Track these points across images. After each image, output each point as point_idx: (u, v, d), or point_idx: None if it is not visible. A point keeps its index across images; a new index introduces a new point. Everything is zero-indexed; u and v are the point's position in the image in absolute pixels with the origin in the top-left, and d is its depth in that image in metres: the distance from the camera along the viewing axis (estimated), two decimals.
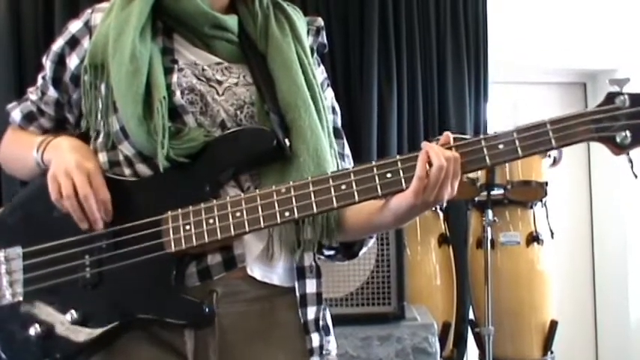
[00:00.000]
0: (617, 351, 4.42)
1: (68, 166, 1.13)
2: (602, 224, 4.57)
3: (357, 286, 2.56)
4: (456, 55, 3.95)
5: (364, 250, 1.28)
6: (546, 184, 3.18)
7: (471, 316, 3.53)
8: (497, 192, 3.26)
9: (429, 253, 3.33)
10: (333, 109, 1.32)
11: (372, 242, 1.29)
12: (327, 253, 1.26)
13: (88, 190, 1.12)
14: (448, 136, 1.10)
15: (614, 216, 4.43)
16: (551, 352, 3.33)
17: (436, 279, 3.32)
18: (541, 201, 3.33)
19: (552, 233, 3.35)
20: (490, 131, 4.20)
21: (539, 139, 1.07)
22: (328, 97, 1.31)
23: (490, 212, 3.17)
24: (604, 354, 4.55)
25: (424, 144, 1.08)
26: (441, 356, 2.72)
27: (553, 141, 1.07)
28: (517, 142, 1.07)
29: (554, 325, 3.31)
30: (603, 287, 4.55)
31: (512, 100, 4.43)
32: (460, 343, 3.59)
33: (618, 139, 1.07)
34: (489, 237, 3.17)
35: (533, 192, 3.23)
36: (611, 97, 1.08)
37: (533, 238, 3.32)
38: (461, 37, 3.96)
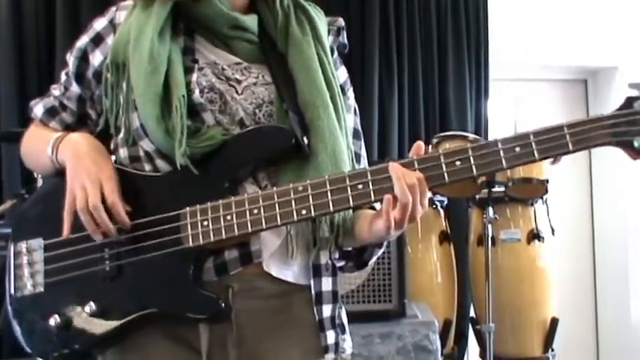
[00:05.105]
0: (618, 348, 4.42)
1: (83, 181, 1.15)
2: (602, 221, 4.57)
3: (358, 283, 2.56)
4: (457, 52, 3.95)
5: (374, 259, 1.28)
6: (547, 181, 3.18)
7: (472, 313, 3.54)
8: (498, 189, 3.26)
9: (430, 250, 3.33)
10: (355, 110, 1.33)
11: (380, 252, 1.28)
12: (338, 264, 1.26)
13: (98, 201, 1.13)
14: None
15: (615, 213, 4.43)
16: (552, 350, 3.34)
17: (437, 276, 3.32)
18: (542, 198, 3.33)
19: (553, 230, 3.36)
20: (491, 128, 4.18)
21: (555, 142, 1.06)
22: (350, 97, 1.32)
23: (491, 209, 3.18)
24: (605, 351, 4.55)
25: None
26: (441, 353, 2.72)
27: (570, 145, 1.05)
28: (534, 145, 1.06)
29: (555, 322, 3.32)
30: (604, 284, 4.56)
31: (512, 97, 4.43)
32: (461, 341, 3.60)
33: (636, 144, 1.05)
34: (490, 234, 3.18)
35: (534, 189, 3.22)
36: (629, 101, 1.06)
37: (534, 235, 3.32)
38: (462, 34, 3.96)
